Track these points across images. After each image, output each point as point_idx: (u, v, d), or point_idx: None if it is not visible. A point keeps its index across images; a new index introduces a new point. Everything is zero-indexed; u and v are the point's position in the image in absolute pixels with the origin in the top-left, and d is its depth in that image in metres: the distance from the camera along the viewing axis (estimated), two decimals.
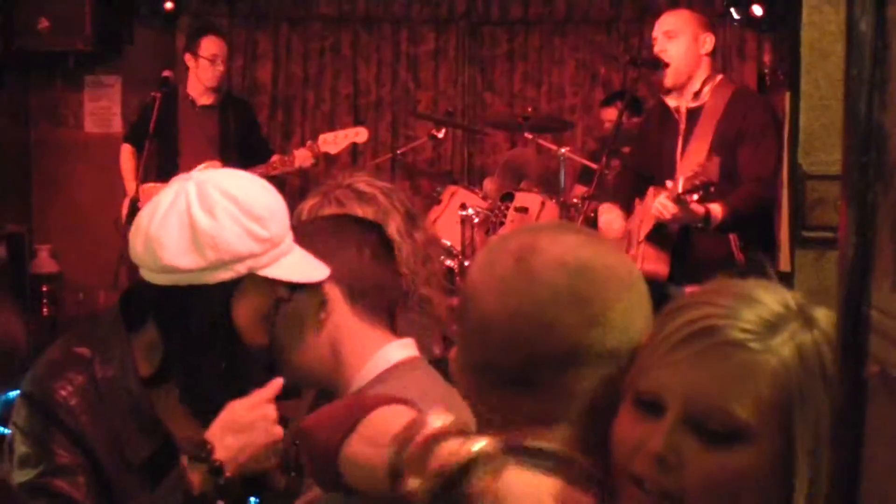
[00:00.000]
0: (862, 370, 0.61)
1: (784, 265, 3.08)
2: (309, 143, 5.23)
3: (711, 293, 1.04)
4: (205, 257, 1.54)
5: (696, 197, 3.23)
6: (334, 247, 1.65)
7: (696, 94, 3.63)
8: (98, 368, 1.64)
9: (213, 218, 1.54)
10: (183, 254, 1.54)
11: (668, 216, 3.31)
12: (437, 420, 0.99)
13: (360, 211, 1.91)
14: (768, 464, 0.98)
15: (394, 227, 1.88)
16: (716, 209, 3.32)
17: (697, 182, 3.17)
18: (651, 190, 3.63)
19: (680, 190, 3.21)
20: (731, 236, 3.48)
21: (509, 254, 1.10)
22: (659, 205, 3.32)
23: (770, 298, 1.02)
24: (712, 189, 3.19)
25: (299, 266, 1.62)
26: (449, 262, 4.91)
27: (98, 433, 1.61)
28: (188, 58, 5.21)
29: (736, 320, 0.99)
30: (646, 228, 3.56)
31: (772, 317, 1.00)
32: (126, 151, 5.25)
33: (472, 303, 1.11)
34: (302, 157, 5.08)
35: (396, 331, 1.71)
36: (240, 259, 1.56)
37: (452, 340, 1.92)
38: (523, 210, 4.91)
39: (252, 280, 1.58)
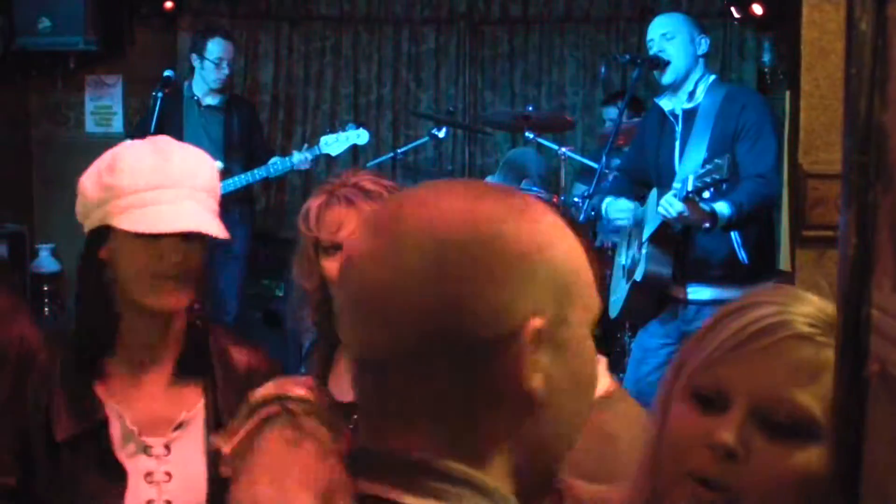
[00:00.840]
0: (862, 369, 0.61)
1: (785, 264, 3.08)
2: (305, 147, 5.22)
3: (769, 294, 1.06)
4: (77, 206, 1.67)
5: (706, 194, 3.21)
6: None
7: (691, 95, 3.63)
8: (54, 342, 1.69)
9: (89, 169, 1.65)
10: (76, 205, 1.68)
11: (674, 214, 3.28)
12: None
13: (369, 209, 1.91)
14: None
15: None
16: (721, 208, 3.30)
17: (708, 179, 3.15)
18: (654, 192, 3.63)
19: (690, 188, 3.19)
20: (733, 235, 3.47)
21: (383, 217, 0.92)
22: (665, 203, 3.29)
23: (823, 304, 1.04)
24: (724, 186, 3.18)
25: (156, 218, 1.59)
26: None
27: (22, 405, 1.62)
28: (194, 58, 5.21)
29: (802, 316, 1.02)
30: (649, 229, 3.55)
31: (829, 318, 1.01)
32: None
33: (346, 271, 0.93)
34: (300, 162, 5.08)
35: None
36: (93, 207, 1.63)
37: None
38: None
39: (114, 232, 1.61)
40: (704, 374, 1.03)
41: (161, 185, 1.60)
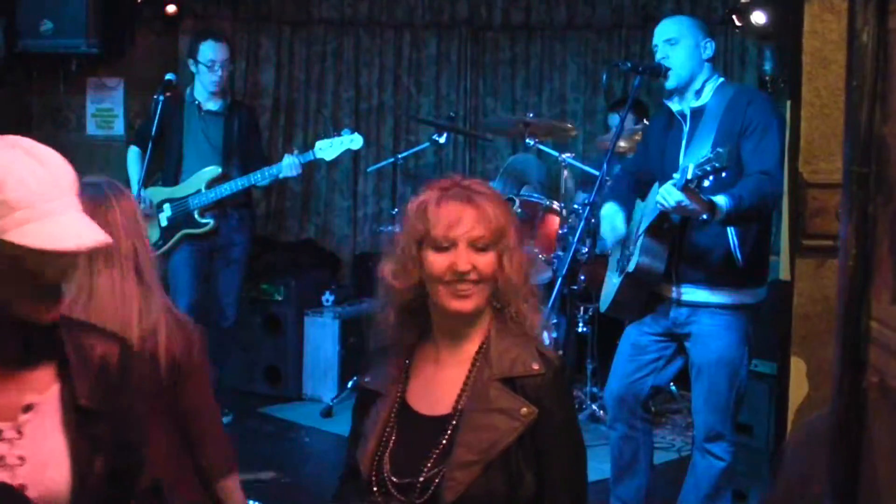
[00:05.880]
0: (862, 380, 0.61)
1: (784, 273, 3.08)
2: (295, 152, 5.22)
3: None
4: None
5: (707, 182, 3.16)
6: None
7: (698, 94, 3.62)
8: None
9: None
10: None
11: (672, 204, 3.22)
12: None
13: (488, 208, 2.00)
14: None
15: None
16: (720, 200, 3.25)
17: (708, 167, 3.10)
18: (656, 186, 3.59)
19: (689, 176, 3.14)
20: (731, 236, 3.44)
21: None
22: (664, 192, 3.23)
23: None
24: (724, 174, 3.13)
25: (49, 234, 1.59)
26: None
27: None
28: (191, 63, 5.23)
29: None
30: (646, 221, 3.51)
31: None
32: (132, 154, 5.26)
33: None
34: (288, 168, 5.07)
35: None
36: None
37: (545, 354, 1.98)
38: (524, 215, 4.91)
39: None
40: None
41: (51, 199, 1.63)
